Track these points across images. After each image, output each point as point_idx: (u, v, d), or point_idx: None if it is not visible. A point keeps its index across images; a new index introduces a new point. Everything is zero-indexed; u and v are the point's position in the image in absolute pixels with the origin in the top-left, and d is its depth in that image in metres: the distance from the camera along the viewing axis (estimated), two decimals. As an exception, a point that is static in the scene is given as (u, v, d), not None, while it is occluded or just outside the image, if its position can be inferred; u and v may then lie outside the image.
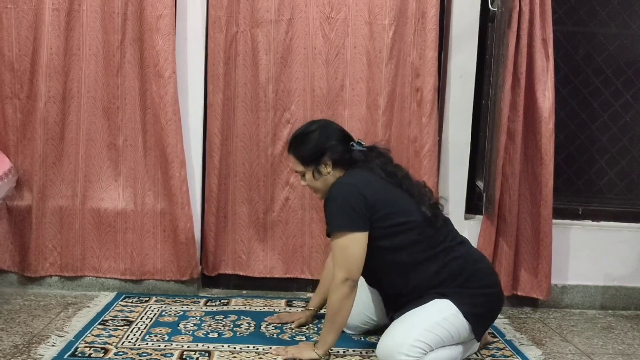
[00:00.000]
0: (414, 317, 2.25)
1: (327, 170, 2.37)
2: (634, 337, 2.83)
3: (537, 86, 2.95)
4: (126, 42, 2.96)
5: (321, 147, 2.36)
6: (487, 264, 2.46)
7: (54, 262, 3.00)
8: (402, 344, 2.17)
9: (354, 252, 2.23)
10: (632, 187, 3.35)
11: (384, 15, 2.98)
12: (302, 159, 2.39)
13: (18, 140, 2.98)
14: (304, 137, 2.40)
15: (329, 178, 2.37)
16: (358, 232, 2.23)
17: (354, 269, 2.23)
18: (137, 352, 2.31)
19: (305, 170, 2.39)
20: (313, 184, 2.40)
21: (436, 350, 2.21)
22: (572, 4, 3.27)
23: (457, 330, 2.25)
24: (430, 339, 2.19)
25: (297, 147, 2.40)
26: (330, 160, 2.36)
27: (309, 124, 2.48)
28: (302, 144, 2.39)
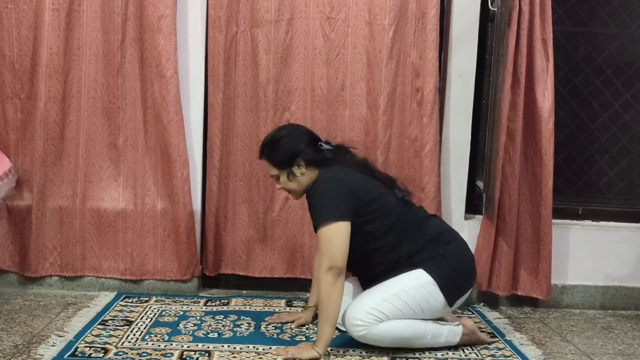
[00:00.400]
0: (378, 288, 2.41)
1: (300, 172, 2.46)
2: (634, 337, 2.83)
3: (537, 86, 2.95)
4: (126, 42, 2.96)
5: (293, 151, 2.46)
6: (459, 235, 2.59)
7: (54, 262, 3.00)
8: (359, 310, 2.35)
9: (338, 241, 2.31)
10: (632, 187, 3.35)
11: (384, 16, 2.98)
12: (275, 164, 2.49)
13: (18, 140, 2.99)
14: (275, 143, 2.49)
15: (303, 179, 2.47)
16: (342, 221, 2.32)
17: (337, 257, 2.30)
18: (137, 352, 2.31)
19: (280, 173, 2.49)
20: (287, 185, 2.50)
21: (393, 321, 2.34)
22: (572, 4, 3.27)
23: (421, 302, 2.37)
24: (386, 309, 2.34)
25: (268, 153, 2.50)
26: (303, 162, 2.45)
27: (278, 130, 2.58)
28: (273, 150, 2.49)
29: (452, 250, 2.47)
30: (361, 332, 2.34)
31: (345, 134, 3.01)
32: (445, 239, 2.48)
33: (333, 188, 2.37)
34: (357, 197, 2.37)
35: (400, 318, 2.36)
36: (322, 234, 2.32)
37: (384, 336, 2.35)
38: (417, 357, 2.38)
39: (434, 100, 2.99)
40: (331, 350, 2.38)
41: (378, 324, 2.33)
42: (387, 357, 2.36)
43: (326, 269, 2.29)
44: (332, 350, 2.38)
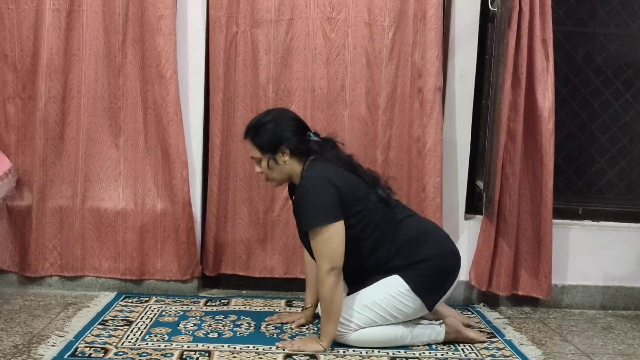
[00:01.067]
0: (353, 297, 2.43)
1: (283, 159, 2.43)
2: (634, 337, 2.83)
3: (537, 86, 2.95)
4: (127, 42, 2.96)
5: (278, 137, 2.42)
6: (438, 233, 2.57)
7: (54, 262, 3.00)
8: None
9: (336, 242, 2.32)
10: (631, 187, 3.35)
11: (384, 17, 2.98)
12: (259, 147, 2.44)
13: (18, 140, 2.99)
14: (260, 126, 2.45)
15: (285, 167, 2.44)
16: (336, 221, 2.32)
17: (337, 258, 2.32)
18: (137, 352, 2.31)
19: (262, 157, 2.45)
20: (268, 172, 2.47)
21: (366, 329, 2.39)
22: (572, 4, 3.27)
23: (393, 311, 2.39)
24: (358, 319, 2.38)
25: (254, 135, 2.45)
26: (287, 150, 2.41)
27: (265, 113, 2.54)
28: (258, 133, 2.44)
29: (427, 252, 2.43)
30: (339, 340, 2.41)
31: (345, 134, 3.01)
32: (421, 240, 2.45)
33: (321, 189, 2.34)
34: (342, 197, 2.35)
35: (374, 325, 2.40)
36: (318, 238, 2.32)
37: (360, 342, 2.40)
38: (417, 357, 2.38)
39: (434, 100, 2.99)
40: (331, 350, 2.38)
41: (351, 333, 2.39)
42: (387, 357, 2.36)
43: (327, 270, 2.30)
44: (332, 350, 2.38)
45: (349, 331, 2.39)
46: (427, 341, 2.48)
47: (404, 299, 2.39)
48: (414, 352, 2.42)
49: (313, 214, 2.33)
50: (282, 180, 2.51)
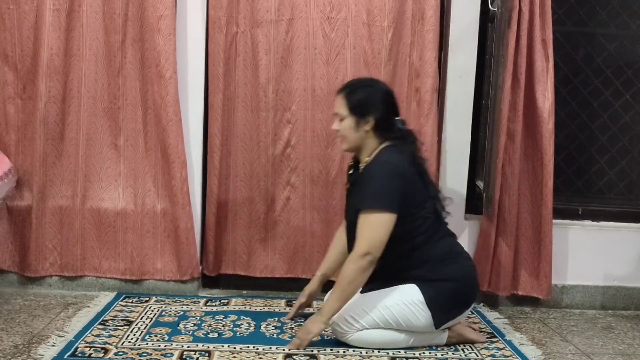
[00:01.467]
0: (365, 296, 2.42)
1: (365, 128, 2.41)
2: (634, 337, 2.83)
3: (537, 87, 2.95)
4: (127, 42, 2.96)
5: (370, 105, 2.40)
6: (468, 260, 2.57)
7: (54, 262, 3.00)
8: (340, 316, 2.38)
9: (384, 231, 2.30)
10: (631, 187, 3.36)
11: (383, 17, 2.98)
12: (349, 105, 2.41)
13: (18, 140, 2.99)
14: (360, 87, 2.45)
15: (362, 137, 2.42)
16: (393, 213, 2.30)
17: (377, 247, 2.30)
18: (137, 352, 2.31)
19: (346, 117, 2.42)
20: (347, 132, 2.43)
21: (370, 330, 2.38)
22: (572, 4, 3.27)
23: (402, 319, 2.37)
24: (365, 320, 2.37)
25: (350, 92, 2.43)
26: (373, 121, 2.39)
27: (369, 78, 2.56)
28: (356, 92, 2.43)
29: (452, 272, 2.42)
30: (341, 338, 2.41)
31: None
32: (450, 260, 2.44)
33: (393, 176, 2.33)
34: (405, 195, 2.34)
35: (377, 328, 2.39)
36: (370, 220, 2.30)
37: (361, 343, 2.40)
38: (417, 357, 2.38)
39: (432, 100, 2.99)
40: (331, 350, 2.38)
41: (355, 333, 2.38)
42: (387, 357, 2.36)
43: (362, 253, 2.28)
44: (332, 350, 2.38)
45: (352, 330, 2.38)
46: (429, 344, 2.47)
47: (415, 310, 2.37)
48: (414, 352, 2.41)
49: (376, 195, 2.32)
50: (354, 148, 2.47)
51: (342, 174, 3.01)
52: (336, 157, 3.03)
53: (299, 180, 3.06)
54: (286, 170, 3.07)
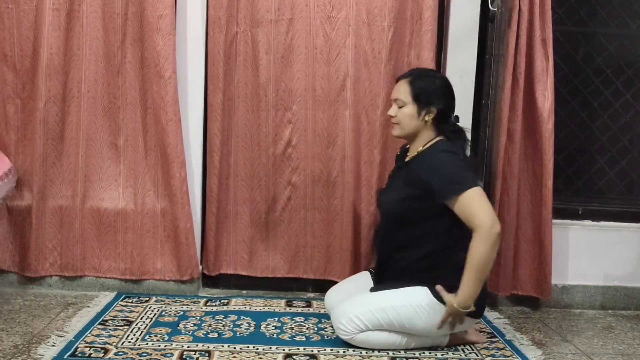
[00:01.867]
0: (372, 296, 2.41)
1: (424, 118, 2.39)
2: (634, 337, 2.83)
3: (537, 86, 2.95)
4: (127, 42, 2.96)
5: (435, 96, 2.38)
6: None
7: (54, 262, 3.00)
8: (344, 315, 2.37)
9: (487, 201, 2.27)
10: (632, 187, 3.35)
11: (384, 17, 2.98)
12: (414, 92, 2.39)
13: (18, 140, 2.98)
14: (428, 76, 2.44)
15: (421, 126, 2.40)
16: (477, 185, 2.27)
17: (494, 218, 2.25)
18: (137, 352, 2.31)
19: (409, 103, 2.40)
20: (405, 119, 2.41)
21: (373, 332, 2.36)
22: (572, 4, 3.27)
23: (406, 322, 2.35)
24: (369, 320, 2.34)
25: (416, 78, 2.41)
26: (435, 112, 2.38)
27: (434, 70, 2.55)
28: (421, 80, 2.41)
29: None
30: (344, 337, 2.40)
31: (346, 134, 3.01)
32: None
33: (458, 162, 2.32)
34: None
35: (380, 329, 2.37)
36: (470, 199, 2.24)
37: (363, 344, 2.39)
38: (417, 357, 2.38)
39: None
40: (331, 350, 2.38)
41: (359, 333, 2.37)
42: (387, 357, 2.36)
43: (490, 226, 2.21)
44: (332, 350, 2.38)
45: (356, 331, 2.37)
46: (431, 344, 2.47)
47: (421, 313, 2.34)
48: (414, 352, 2.41)
49: (457, 178, 2.27)
50: (408, 135, 2.45)
51: (342, 173, 3.02)
52: (337, 156, 3.03)
53: (299, 180, 3.06)
54: (287, 170, 3.07)
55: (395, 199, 2.43)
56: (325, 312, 2.75)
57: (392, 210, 2.45)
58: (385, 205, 2.53)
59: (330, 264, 3.08)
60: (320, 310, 2.85)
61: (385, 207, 2.52)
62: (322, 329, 2.62)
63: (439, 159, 2.34)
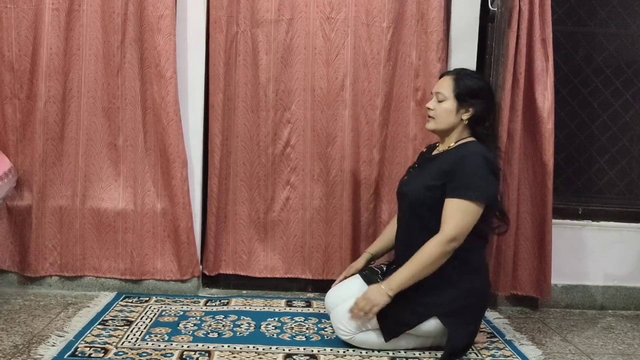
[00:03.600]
0: None
1: (463, 116, 2.41)
2: (634, 337, 2.83)
3: (537, 86, 2.95)
4: (126, 42, 2.96)
5: (477, 96, 2.40)
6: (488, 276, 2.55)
7: (54, 262, 3.00)
8: (344, 315, 2.37)
9: (472, 221, 2.29)
10: (631, 187, 3.35)
11: (383, 18, 2.98)
12: (457, 88, 2.40)
13: (18, 140, 2.98)
14: (474, 77, 2.46)
15: (457, 122, 2.42)
16: (484, 203, 2.30)
17: (463, 235, 2.29)
18: (137, 352, 2.31)
19: (450, 99, 2.41)
20: (442, 113, 2.42)
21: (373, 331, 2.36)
22: (572, 4, 3.27)
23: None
24: (370, 322, 2.33)
25: (462, 76, 2.43)
26: (473, 112, 2.40)
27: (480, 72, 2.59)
28: (468, 78, 2.43)
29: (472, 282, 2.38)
30: (343, 337, 2.40)
31: (345, 134, 3.01)
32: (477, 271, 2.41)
33: (493, 166, 2.34)
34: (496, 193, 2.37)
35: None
36: (464, 206, 2.27)
37: (363, 344, 2.39)
38: (417, 357, 2.38)
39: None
40: (331, 350, 2.38)
41: (358, 333, 2.37)
42: (387, 357, 2.36)
43: (450, 239, 2.26)
44: (332, 350, 2.38)
45: (356, 331, 2.37)
46: (432, 344, 2.46)
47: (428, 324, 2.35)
48: (414, 352, 2.41)
49: (477, 184, 2.29)
50: (442, 130, 2.45)
51: (342, 173, 3.02)
52: (336, 156, 3.03)
53: (298, 180, 3.06)
54: (286, 169, 3.07)
55: (419, 188, 2.40)
56: (325, 312, 2.75)
57: (417, 199, 2.41)
58: (408, 195, 2.48)
59: (330, 263, 3.08)
60: (320, 310, 2.85)
61: (409, 196, 2.47)
62: (322, 329, 2.62)
63: (473, 158, 2.33)
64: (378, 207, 3.09)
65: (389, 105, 3.05)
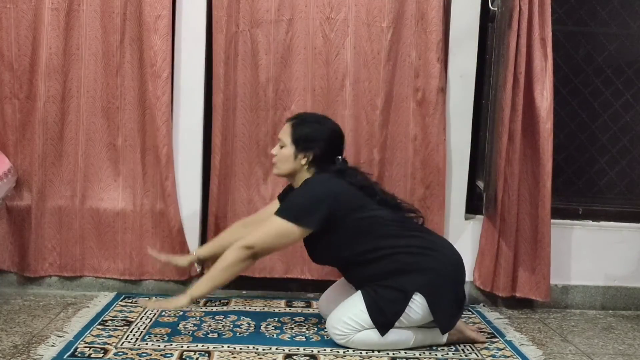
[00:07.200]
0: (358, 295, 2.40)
1: (302, 162, 2.45)
2: (635, 337, 2.82)
3: (535, 86, 2.94)
4: (125, 42, 2.96)
5: (313, 142, 2.44)
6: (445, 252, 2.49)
7: (53, 262, 3.00)
8: (338, 319, 2.39)
9: (280, 239, 2.37)
10: (632, 187, 3.35)
11: (383, 18, 2.98)
12: (293, 136, 2.46)
13: (17, 140, 2.98)
14: (309, 121, 2.50)
15: (298, 168, 2.47)
16: (303, 227, 2.34)
17: (264, 248, 2.36)
18: (136, 352, 2.30)
19: (289, 145, 2.46)
20: (283, 159, 2.48)
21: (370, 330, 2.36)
22: (572, 4, 3.27)
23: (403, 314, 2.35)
24: (362, 319, 2.36)
25: (297, 124, 2.48)
26: (311, 156, 2.44)
27: (324, 117, 2.59)
28: (303, 125, 2.47)
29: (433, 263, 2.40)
30: (340, 341, 2.40)
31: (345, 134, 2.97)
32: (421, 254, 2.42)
33: (318, 191, 2.38)
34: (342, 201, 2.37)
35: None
36: (277, 224, 2.34)
37: (363, 344, 2.39)
38: (417, 357, 2.38)
39: (437, 101, 3.00)
40: (331, 350, 2.38)
41: (355, 334, 2.37)
42: (387, 357, 2.36)
43: (247, 245, 2.33)
44: (332, 351, 2.38)
45: (352, 332, 2.37)
46: (430, 343, 2.47)
47: (413, 305, 2.36)
48: (414, 352, 2.41)
49: (296, 206, 2.37)
50: (286, 174, 2.52)
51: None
52: (336, 156, 3.02)
53: (298, 180, 3.05)
54: (286, 170, 3.06)
55: None
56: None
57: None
58: None
59: (330, 264, 3.07)
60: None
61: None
62: (322, 329, 2.61)
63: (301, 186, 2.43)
64: (378, 207, 3.09)
65: (389, 106, 3.04)
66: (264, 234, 2.36)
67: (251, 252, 2.34)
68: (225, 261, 2.34)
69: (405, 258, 2.39)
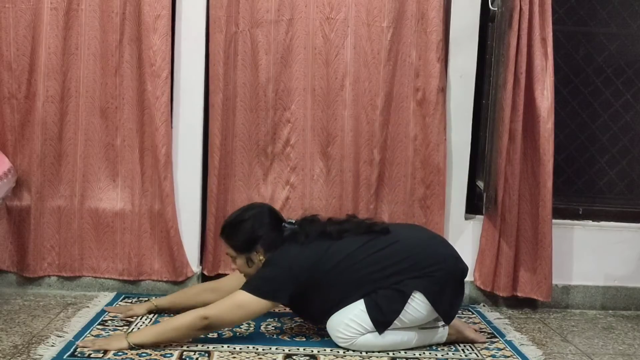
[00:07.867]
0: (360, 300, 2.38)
1: (259, 258, 2.43)
2: (635, 337, 2.82)
3: (536, 86, 2.94)
4: (125, 41, 2.95)
5: (254, 237, 2.42)
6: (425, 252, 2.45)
7: (52, 262, 2.99)
8: (340, 322, 2.36)
9: (243, 313, 2.33)
10: (632, 187, 3.35)
11: (383, 18, 2.98)
12: (233, 247, 2.45)
13: (16, 140, 2.97)
14: (237, 226, 2.45)
15: (259, 262, 2.44)
16: (267, 300, 2.31)
17: (221, 322, 2.33)
18: (136, 352, 2.30)
19: (237, 256, 2.46)
20: (243, 268, 2.48)
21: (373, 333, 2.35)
22: (572, 4, 3.27)
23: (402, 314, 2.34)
24: (365, 321, 2.34)
25: (229, 235, 2.46)
26: (262, 249, 2.42)
27: (242, 211, 2.51)
28: (235, 233, 2.45)
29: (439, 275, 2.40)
30: (343, 344, 2.38)
31: (345, 134, 3.00)
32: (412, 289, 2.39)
33: (283, 266, 2.35)
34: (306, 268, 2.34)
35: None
36: (242, 298, 2.30)
37: (366, 347, 2.37)
38: (417, 357, 2.37)
39: (437, 101, 3.00)
40: (331, 351, 2.37)
41: (358, 337, 2.35)
42: (387, 357, 2.36)
43: (205, 316, 2.27)
44: (332, 351, 2.38)
45: (355, 335, 2.35)
46: (430, 344, 2.47)
47: (414, 303, 2.36)
48: (414, 352, 2.41)
49: (261, 281, 2.34)
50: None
51: (341, 173, 3.02)
52: (336, 156, 3.02)
53: (298, 180, 3.05)
54: (285, 169, 3.06)
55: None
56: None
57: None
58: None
59: (329, 264, 3.07)
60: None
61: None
62: (322, 329, 2.61)
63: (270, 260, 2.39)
64: (378, 207, 3.09)
65: (389, 105, 3.04)
66: (225, 307, 2.30)
67: (208, 323, 2.28)
68: (178, 322, 2.30)
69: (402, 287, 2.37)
